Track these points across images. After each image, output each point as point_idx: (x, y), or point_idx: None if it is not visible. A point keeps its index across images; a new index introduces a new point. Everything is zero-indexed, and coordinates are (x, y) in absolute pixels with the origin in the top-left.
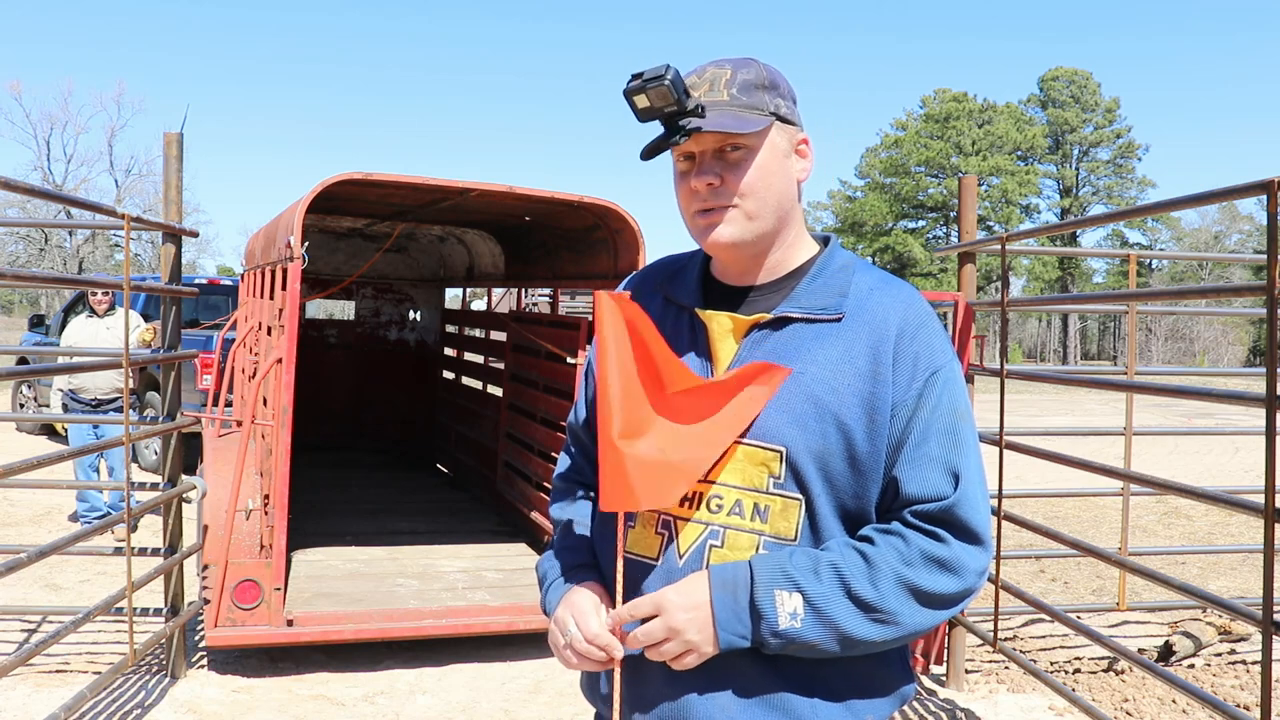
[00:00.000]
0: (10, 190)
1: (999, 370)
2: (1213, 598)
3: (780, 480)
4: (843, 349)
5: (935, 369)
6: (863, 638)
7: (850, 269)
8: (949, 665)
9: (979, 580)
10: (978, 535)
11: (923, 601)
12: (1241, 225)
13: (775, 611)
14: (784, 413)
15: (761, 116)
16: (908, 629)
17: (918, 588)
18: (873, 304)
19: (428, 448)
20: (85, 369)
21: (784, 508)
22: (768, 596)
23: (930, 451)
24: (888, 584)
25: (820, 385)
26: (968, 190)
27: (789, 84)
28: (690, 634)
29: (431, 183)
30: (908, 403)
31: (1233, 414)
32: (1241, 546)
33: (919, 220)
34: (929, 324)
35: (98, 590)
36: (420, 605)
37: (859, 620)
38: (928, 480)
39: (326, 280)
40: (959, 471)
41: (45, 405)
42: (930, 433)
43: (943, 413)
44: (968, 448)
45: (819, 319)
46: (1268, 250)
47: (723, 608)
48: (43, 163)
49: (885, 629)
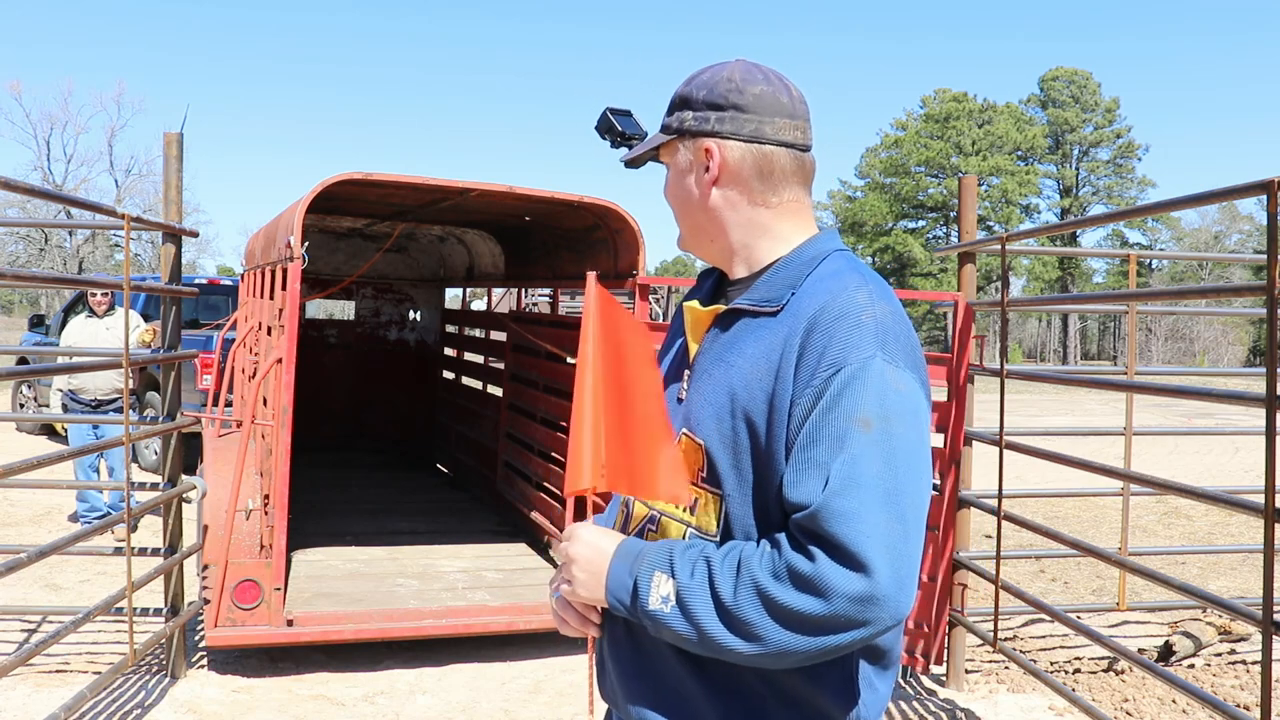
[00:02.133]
0: (10, 190)
1: (999, 370)
2: (1213, 598)
3: (705, 474)
4: (766, 343)
5: (839, 366)
6: (725, 644)
7: (817, 260)
8: (949, 665)
9: (856, 608)
10: (853, 555)
11: (781, 619)
12: (1241, 225)
13: (649, 592)
14: (708, 406)
15: (661, 136)
16: (775, 646)
17: (774, 601)
18: (806, 295)
19: (428, 448)
20: (85, 369)
21: (707, 502)
22: (647, 576)
23: (814, 456)
24: (745, 591)
25: (738, 380)
26: (968, 190)
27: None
28: (577, 569)
29: (431, 183)
30: (804, 402)
31: (1233, 414)
32: (1241, 546)
33: (919, 220)
34: (850, 317)
35: (98, 590)
36: (420, 605)
37: (717, 623)
38: (802, 486)
39: (326, 280)
40: (833, 482)
41: (45, 405)
42: (819, 436)
43: (836, 415)
44: (854, 455)
45: (761, 311)
46: (1268, 250)
47: (616, 572)
48: (43, 163)
49: (751, 643)
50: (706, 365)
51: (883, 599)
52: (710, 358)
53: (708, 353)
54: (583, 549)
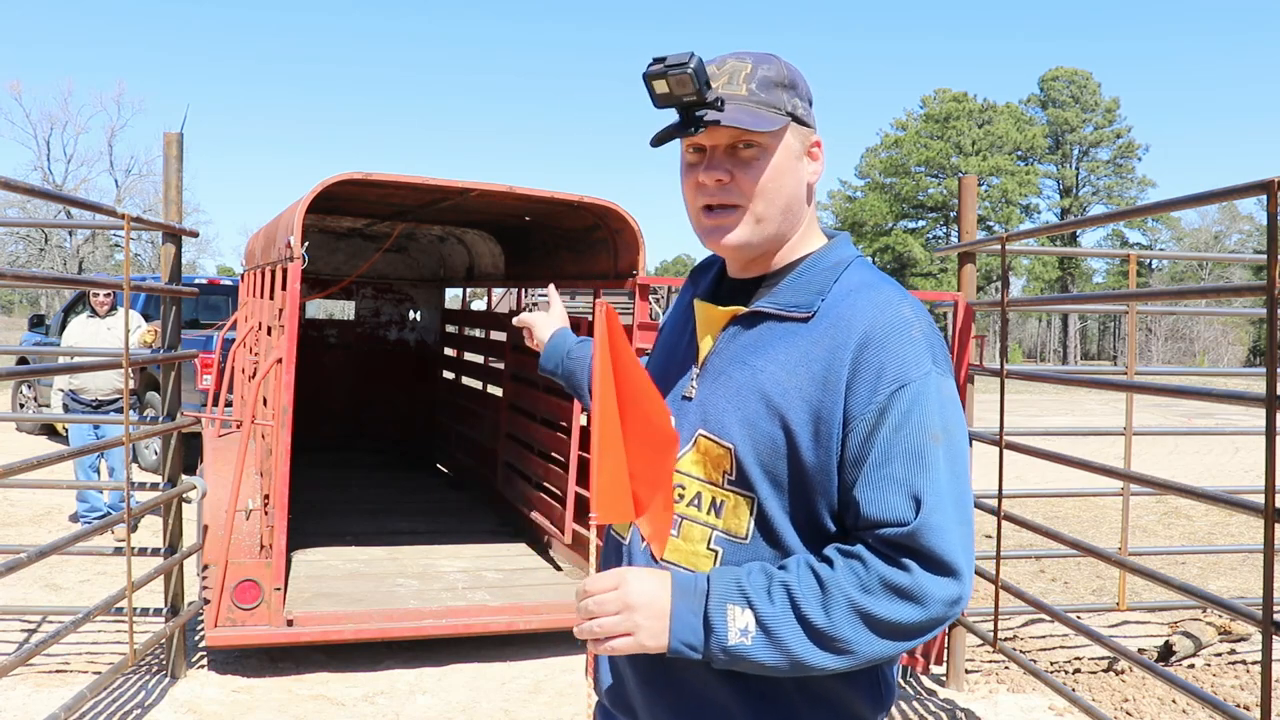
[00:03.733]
0: (10, 190)
1: (999, 370)
2: (1213, 598)
3: (733, 477)
4: (802, 350)
5: (902, 383)
6: (815, 664)
7: (841, 267)
8: (949, 665)
9: (948, 609)
10: (946, 564)
11: (880, 631)
12: (1241, 225)
13: (726, 627)
14: (736, 410)
15: (778, 115)
16: (864, 657)
17: (873, 616)
18: (845, 306)
19: (428, 448)
20: (85, 369)
21: (736, 504)
22: (720, 610)
23: (893, 473)
24: (840, 611)
25: (773, 385)
26: (968, 190)
27: (807, 84)
28: (640, 616)
29: (431, 183)
30: (867, 418)
31: (1233, 414)
32: (1241, 546)
33: (919, 220)
34: (902, 332)
35: (98, 590)
36: (420, 605)
37: (809, 646)
38: (888, 504)
39: (326, 280)
40: (921, 496)
41: (45, 405)
42: (893, 453)
43: (909, 432)
44: (936, 470)
45: (789, 316)
46: (1268, 250)
47: (680, 613)
48: (43, 163)
49: (839, 658)
50: (722, 365)
51: (965, 597)
52: (726, 358)
53: (723, 353)
54: (640, 595)
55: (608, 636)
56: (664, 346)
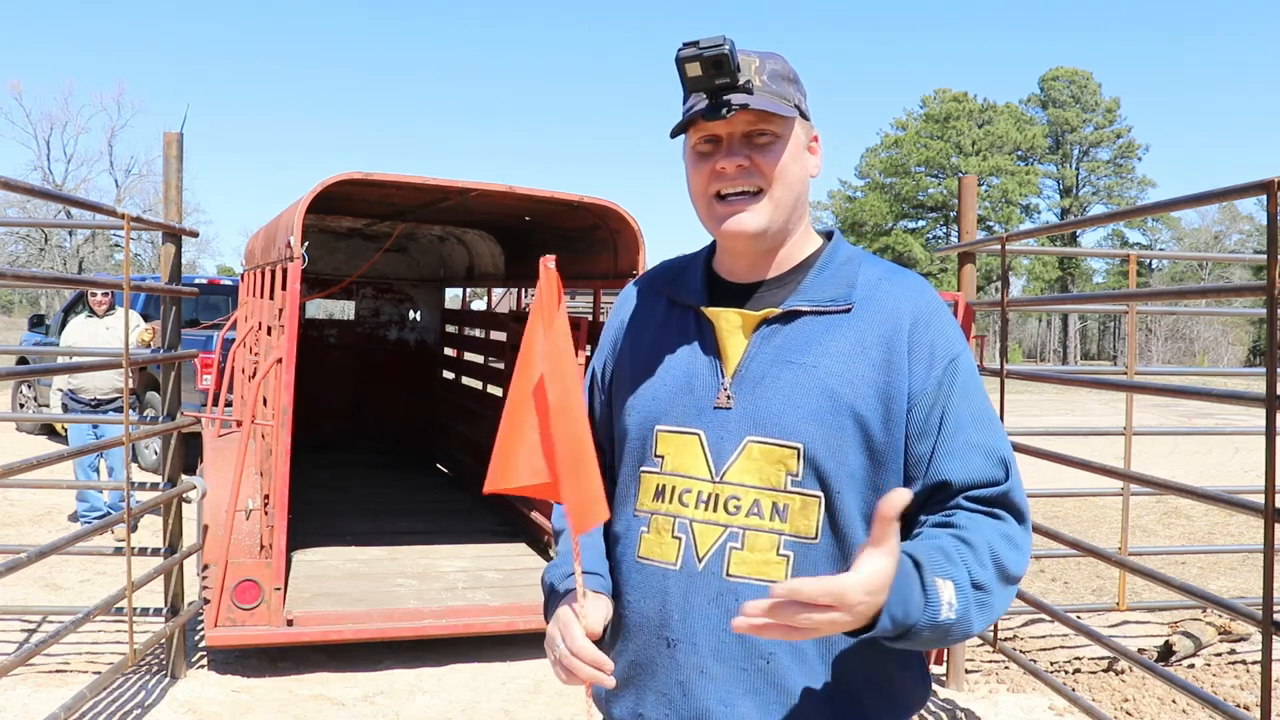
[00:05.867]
0: (10, 190)
1: (999, 370)
2: (1213, 598)
3: (798, 478)
4: (855, 340)
5: (953, 356)
6: (979, 626)
7: (856, 261)
8: (949, 665)
9: (1029, 559)
10: (1027, 515)
11: (1008, 581)
12: (1241, 225)
13: (939, 599)
14: (799, 408)
15: (790, 106)
16: (997, 612)
17: (1005, 568)
18: (882, 294)
19: (428, 448)
20: (85, 369)
21: (803, 505)
22: (933, 584)
23: (971, 439)
24: (990, 567)
25: (834, 378)
26: (968, 190)
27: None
28: (854, 616)
29: (431, 183)
30: (928, 391)
31: (1233, 414)
32: (1241, 546)
33: (919, 220)
34: (941, 312)
35: (98, 590)
36: (420, 605)
37: (977, 608)
38: (976, 467)
39: (326, 280)
40: (1005, 457)
41: (45, 405)
42: (964, 420)
43: (971, 400)
44: (1000, 431)
45: (828, 310)
46: (1268, 250)
47: (898, 593)
48: (43, 163)
49: (988, 614)
50: (764, 368)
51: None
52: (766, 361)
53: (759, 356)
54: (861, 600)
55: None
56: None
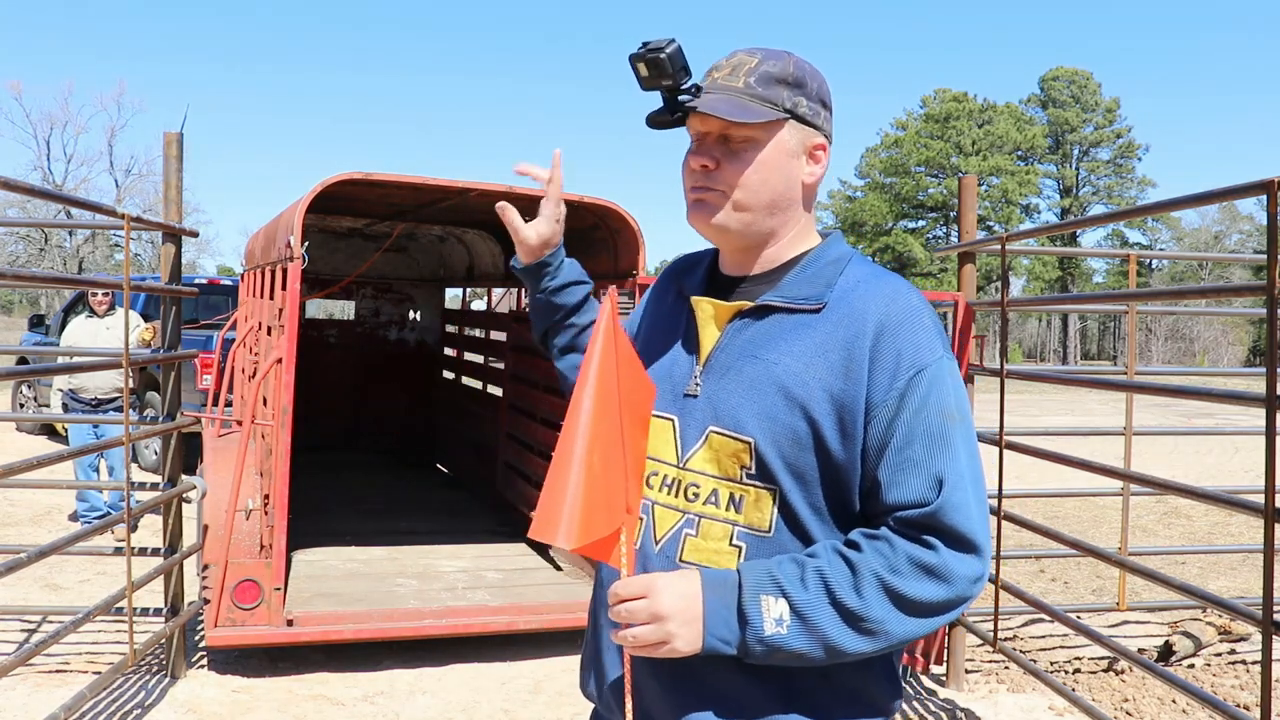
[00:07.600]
0: (10, 190)
1: (999, 370)
2: (1213, 598)
3: (752, 471)
4: (818, 341)
5: (919, 368)
6: (849, 648)
7: (843, 262)
8: (949, 665)
9: (973, 587)
10: (969, 542)
11: (909, 610)
12: (1241, 225)
13: (762, 617)
14: (754, 404)
15: (770, 110)
16: (895, 638)
17: (903, 595)
18: (855, 297)
19: (428, 448)
20: (85, 369)
21: (757, 498)
22: (754, 601)
23: (913, 455)
24: (872, 591)
25: (790, 376)
26: (968, 190)
27: (822, 86)
28: (673, 625)
29: (431, 183)
30: (889, 404)
31: (1233, 414)
32: (1241, 546)
33: (919, 220)
34: (914, 320)
35: (98, 590)
36: (420, 605)
37: (844, 630)
38: (909, 486)
39: (326, 280)
40: (943, 477)
41: (45, 405)
42: (914, 436)
43: (928, 415)
44: (955, 451)
45: (799, 309)
46: (1268, 250)
47: (713, 609)
48: (43, 163)
49: (872, 640)
50: (730, 360)
51: (985, 573)
52: (734, 353)
53: (729, 348)
54: (673, 600)
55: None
56: (651, 345)
